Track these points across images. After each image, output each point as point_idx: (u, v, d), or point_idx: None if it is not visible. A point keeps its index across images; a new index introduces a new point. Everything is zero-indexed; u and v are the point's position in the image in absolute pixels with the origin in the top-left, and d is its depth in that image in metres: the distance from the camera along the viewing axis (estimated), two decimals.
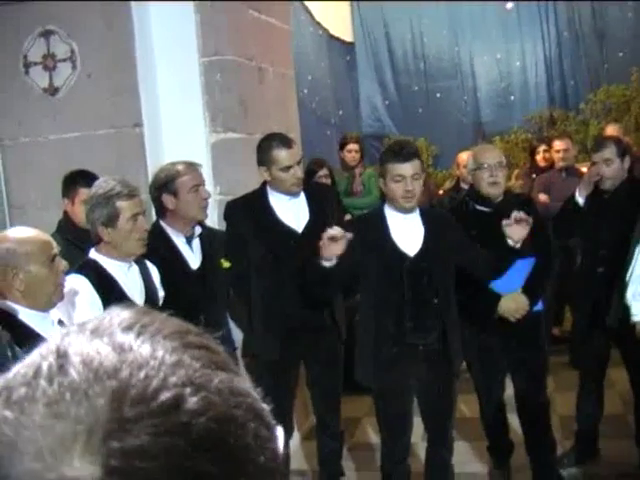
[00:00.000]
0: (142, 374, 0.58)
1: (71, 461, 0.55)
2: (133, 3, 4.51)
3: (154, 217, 4.27)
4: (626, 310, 4.20)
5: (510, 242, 3.88)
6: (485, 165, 4.22)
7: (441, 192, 8.08)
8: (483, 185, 4.23)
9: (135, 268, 3.58)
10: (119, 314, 0.65)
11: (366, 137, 10.38)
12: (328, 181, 6.26)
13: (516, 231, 3.88)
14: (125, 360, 0.59)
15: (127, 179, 3.67)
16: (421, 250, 3.82)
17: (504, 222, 3.87)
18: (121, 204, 3.40)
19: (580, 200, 4.68)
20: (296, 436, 5.08)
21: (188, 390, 0.59)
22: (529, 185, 7.21)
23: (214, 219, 4.71)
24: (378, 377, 3.87)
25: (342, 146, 7.47)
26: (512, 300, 4.17)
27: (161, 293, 3.74)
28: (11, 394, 0.59)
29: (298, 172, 4.19)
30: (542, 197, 6.50)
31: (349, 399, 5.05)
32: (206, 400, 0.59)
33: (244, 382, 0.64)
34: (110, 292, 3.41)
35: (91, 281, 3.39)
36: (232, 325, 4.54)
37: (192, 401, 0.58)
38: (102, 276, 3.43)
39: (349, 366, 4.18)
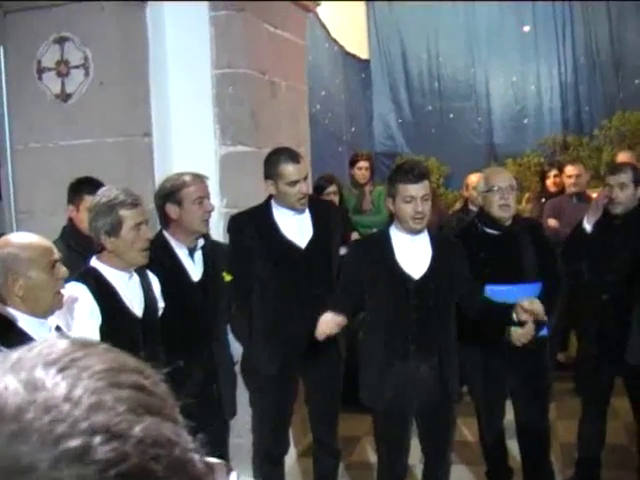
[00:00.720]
0: (47, 418, 0.54)
1: None
2: (148, 12, 4.52)
3: (159, 227, 4.27)
4: None
5: (514, 317, 3.84)
6: (496, 187, 4.20)
7: (450, 213, 8.05)
8: (494, 208, 4.21)
9: (136, 278, 3.56)
10: (53, 344, 0.60)
11: (378, 155, 10.38)
12: (336, 197, 6.25)
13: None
14: (33, 401, 0.54)
15: (134, 188, 3.67)
16: (426, 273, 3.80)
17: (521, 305, 3.80)
18: (124, 213, 3.39)
19: (587, 227, 4.64)
20: (293, 452, 5.05)
21: (98, 439, 0.53)
22: (539, 209, 7.18)
23: (219, 232, 4.70)
24: (382, 398, 3.84)
25: (352, 163, 7.45)
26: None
27: (161, 304, 3.73)
28: None
29: (304, 188, 4.18)
30: (552, 222, 6.47)
31: (350, 417, 5.02)
32: (118, 451, 0.54)
33: (174, 429, 0.59)
34: (109, 301, 3.40)
35: (91, 290, 3.37)
36: (231, 339, 4.52)
37: (101, 451, 0.53)
38: (102, 285, 3.42)
39: (350, 384, 4.15)
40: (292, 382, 4.39)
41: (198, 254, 4.02)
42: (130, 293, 3.51)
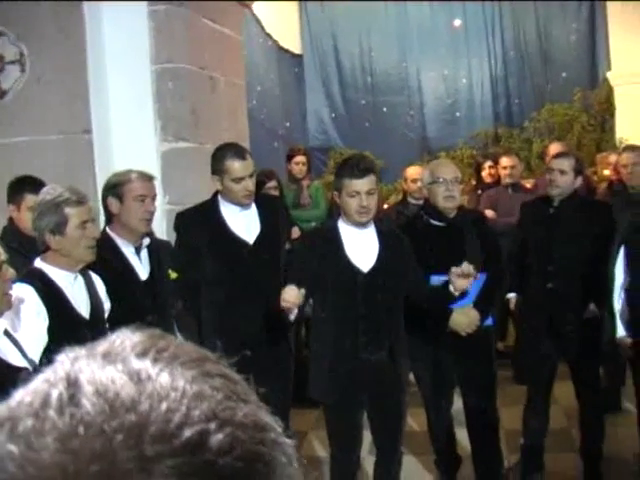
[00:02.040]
0: (163, 407, 0.52)
1: None
2: (86, 7, 4.43)
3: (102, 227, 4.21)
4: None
5: (452, 289, 3.92)
6: (441, 179, 4.26)
7: (386, 206, 8.11)
8: (439, 199, 4.26)
9: (80, 279, 3.50)
10: (130, 337, 0.59)
11: (312, 149, 10.39)
12: (277, 193, 6.23)
13: (460, 284, 3.92)
14: (143, 391, 0.53)
15: (75, 185, 3.60)
16: (375, 266, 3.82)
17: (452, 270, 3.90)
18: (70, 211, 3.31)
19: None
20: None
21: (213, 425, 0.53)
22: (475, 201, 7.29)
23: (162, 229, 4.65)
24: (333, 393, 3.84)
25: (289, 158, 7.44)
26: (464, 315, 4.18)
27: (107, 305, 3.66)
28: (16, 425, 0.53)
29: (249, 185, 4.15)
30: (489, 213, 6.57)
31: (295, 412, 5.01)
32: (232, 436, 0.53)
33: (266, 414, 0.59)
34: (56, 302, 3.32)
35: (37, 290, 3.29)
36: (179, 338, 4.47)
37: (217, 438, 0.52)
38: (48, 286, 3.34)
39: (296, 380, 4.15)
40: (244, 379, 4.35)
41: (144, 253, 3.96)
42: (76, 294, 3.44)
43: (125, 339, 0.59)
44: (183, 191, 4.77)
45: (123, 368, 0.55)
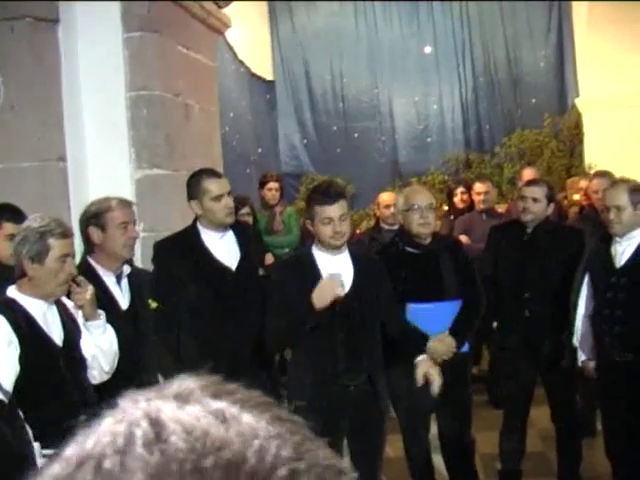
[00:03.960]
0: (255, 446, 0.52)
1: None
2: (61, 34, 4.42)
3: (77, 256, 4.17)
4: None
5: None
6: (416, 206, 4.28)
7: (358, 231, 8.13)
8: (414, 226, 4.29)
9: (54, 307, 3.46)
10: (193, 381, 0.59)
11: (284, 175, 10.39)
12: (250, 219, 6.24)
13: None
14: (231, 429, 0.53)
15: (50, 213, 3.57)
16: (351, 291, 3.82)
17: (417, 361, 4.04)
18: (53, 242, 3.28)
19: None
20: None
21: (302, 465, 0.53)
22: (447, 226, 7.33)
23: (137, 256, 4.61)
24: (312, 419, 3.82)
25: (262, 184, 7.45)
26: (440, 342, 4.20)
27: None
28: (101, 463, 0.52)
29: (230, 202, 4.15)
30: (463, 238, 6.60)
31: None
32: (319, 477, 0.54)
33: (339, 458, 0.59)
34: (28, 331, 3.29)
35: (8, 320, 3.26)
36: None
37: (307, 478, 0.53)
38: (20, 315, 3.31)
39: None
40: None
41: (125, 282, 3.93)
42: (49, 322, 3.41)
43: (189, 383, 0.58)
44: (158, 218, 4.75)
45: (203, 408, 0.55)
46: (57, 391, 3.25)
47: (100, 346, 3.52)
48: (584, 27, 9.71)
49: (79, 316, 3.59)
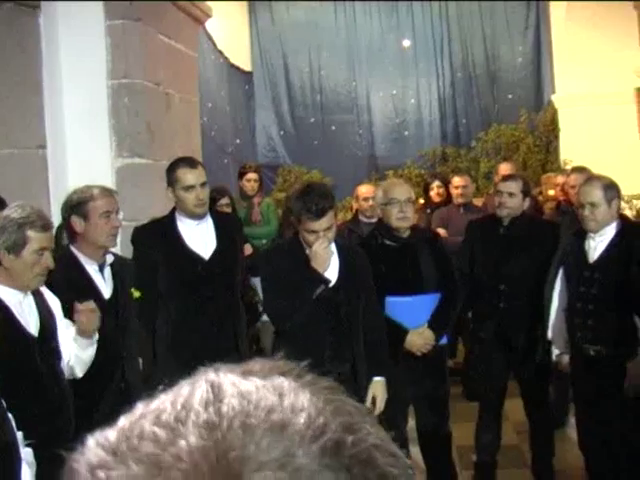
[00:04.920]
0: (303, 415, 0.56)
1: None
2: (42, 21, 4.38)
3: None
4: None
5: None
6: (395, 200, 4.30)
7: (337, 223, 8.13)
8: (392, 220, 4.32)
9: (30, 297, 3.43)
10: (268, 362, 0.63)
11: (261, 167, 10.38)
12: (229, 209, 6.22)
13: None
14: (284, 401, 0.57)
15: (29, 201, 3.55)
16: (337, 281, 3.85)
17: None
18: (31, 234, 3.23)
19: None
20: None
21: (350, 438, 0.56)
22: (424, 220, 7.36)
23: (117, 245, 4.59)
24: None
25: (241, 175, 7.42)
26: (418, 335, 4.25)
27: (63, 322, 3.59)
28: (160, 415, 0.57)
29: (201, 194, 4.15)
30: (440, 232, 6.63)
31: None
32: (367, 453, 0.56)
33: (395, 447, 0.60)
34: (4, 322, 3.25)
35: None
36: None
37: (353, 450, 0.55)
38: None
39: None
40: None
41: (107, 270, 3.91)
42: (25, 312, 3.38)
43: (264, 363, 0.63)
44: (138, 207, 4.73)
45: (264, 382, 0.59)
46: (31, 381, 3.21)
47: (81, 357, 3.51)
48: (562, 24, 9.79)
49: (57, 308, 3.57)
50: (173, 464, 0.53)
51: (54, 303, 3.56)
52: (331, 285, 3.84)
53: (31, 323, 3.38)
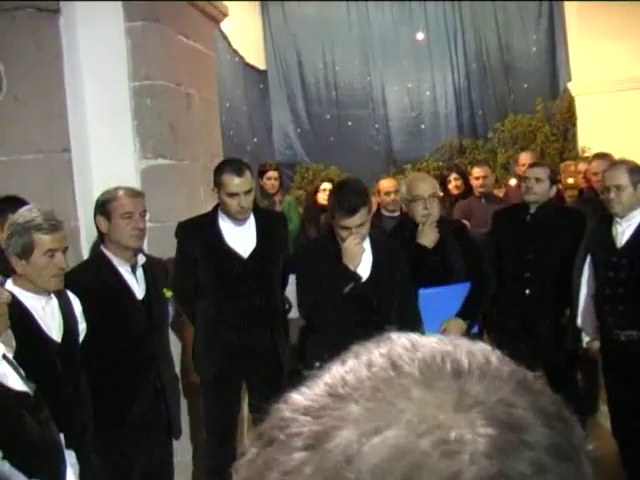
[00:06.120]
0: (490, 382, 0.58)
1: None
2: (62, 24, 4.39)
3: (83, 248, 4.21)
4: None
5: None
6: (419, 197, 4.32)
7: None
8: (418, 216, 4.35)
9: (54, 301, 3.42)
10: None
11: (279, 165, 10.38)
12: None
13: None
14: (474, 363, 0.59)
15: (55, 206, 3.56)
16: (370, 276, 3.88)
17: None
18: (38, 237, 3.22)
19: None
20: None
21: (538, 421, 0.56)
22: (444, 212, 7.33)
23: (144, 247, 4.61)
24: None
25: (261, 174, 7.47)
26: (451, 325, 4.26)
27: (82, 326, 3.60)
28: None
29: (243, 201, 4.21)
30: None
31: None
32: (550, 438, 0.55)
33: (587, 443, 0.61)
34: (24, 327, 3.22)
35: None
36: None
37: (539, 431, 0.55)
38: (17, 310, 3.22)
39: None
40: (234, 390, 4.37)
41: (140, 271, 3.95)
42: (48, 317, 3.36)
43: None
44: (163, 208, 4.73)
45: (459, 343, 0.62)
46: (50, 387, 3.15)
47: None
48: (575, 11, 9.72)
49: (79, 312, 3.57)
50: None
51: (77, 306, 3.56)
52: (363, 280, 3.86)
53: (53, 328, 3.37)
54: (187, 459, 4.67)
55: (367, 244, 3.98)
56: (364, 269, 3.91)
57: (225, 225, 4.27)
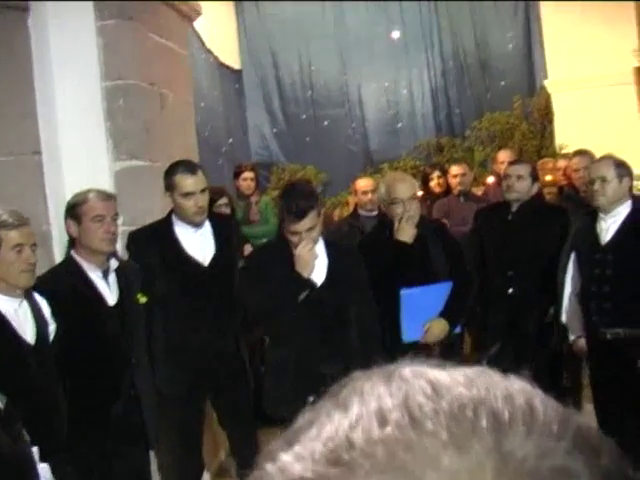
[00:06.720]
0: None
1: None
2: (31, 22, 4.27)
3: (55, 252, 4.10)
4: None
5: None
6: (398, 200, 4.26)
7: (336, 219, 8.09)
8: (396, 219, 4.28)
9: (26, 304, 3.39)
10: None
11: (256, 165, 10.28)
12: (228, 210, 6.15)
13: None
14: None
15: (25, 209, 3.51)
16: (325, 281, 3.80)
17: None
18: (5, 233, 3.25)
19: None
20: (206, 475, 4.89)
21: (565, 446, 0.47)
22: (424, 211, 7.27)
23: (117, 251, 4.50)
24: (294, 407, 3.77)
25: (237, 175, 7.38)
26: (434, 325, 4.20)
27: (51, 327, 3.55)
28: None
29: (200, 201, 4.07)
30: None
31: (260, 432, 4.91)
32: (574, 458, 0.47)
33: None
34: None
35: None
36: None
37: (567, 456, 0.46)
38: None
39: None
40: (200, 402, 4.28)
41: (112, 276, 3.83)
42: (21, 319, 3.35)
43: None
44: (137, 211, 4.62)
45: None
46: (24, 390, 3.18)
47: None
48: (551, 8, 9.71)
49: (47, 314, 3.53)
50: None
51: (45, 307, 3.53)
52: (319, 286, 3.78)
53: (27, 331, 3.35)
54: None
55: (321, 248, 3.88)
56: (319, 274, 3.82)
57: (181, 231, 4.10)
